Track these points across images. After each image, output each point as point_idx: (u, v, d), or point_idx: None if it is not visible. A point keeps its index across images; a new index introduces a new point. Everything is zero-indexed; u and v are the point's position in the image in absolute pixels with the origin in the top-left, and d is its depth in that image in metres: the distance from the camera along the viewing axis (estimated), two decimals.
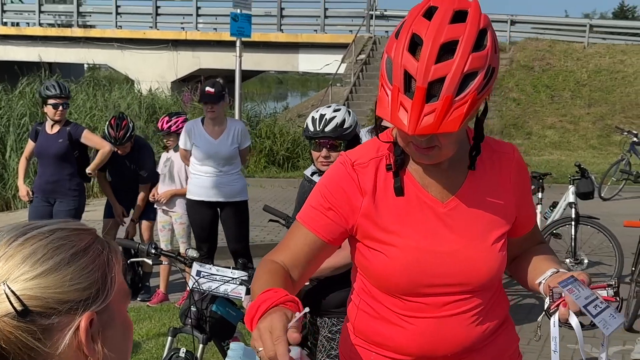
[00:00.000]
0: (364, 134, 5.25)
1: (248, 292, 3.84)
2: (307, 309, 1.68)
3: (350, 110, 4.06)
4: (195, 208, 6.96)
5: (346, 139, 3.93)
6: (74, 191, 7.10)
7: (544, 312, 2.01)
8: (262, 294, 1.77)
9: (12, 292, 1.11)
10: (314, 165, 4.08)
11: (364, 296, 2.23)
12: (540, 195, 8.55)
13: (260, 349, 1.61)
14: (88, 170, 7.00)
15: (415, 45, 1.89)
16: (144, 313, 7.00)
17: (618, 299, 2.03)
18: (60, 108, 6.94)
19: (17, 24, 32.33)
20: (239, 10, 16.06)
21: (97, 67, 33.19)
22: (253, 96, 30.56)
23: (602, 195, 13.84)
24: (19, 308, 1.11)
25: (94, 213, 8.32)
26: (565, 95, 22.88)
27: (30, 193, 7.20)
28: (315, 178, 5.42)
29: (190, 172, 7.00)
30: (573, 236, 7.97)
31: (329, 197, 2.13)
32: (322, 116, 3.94)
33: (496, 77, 1.99)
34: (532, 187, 8.59)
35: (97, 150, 7.39)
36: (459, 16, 1.91)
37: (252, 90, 42.67)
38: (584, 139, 21.09)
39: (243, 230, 7.11)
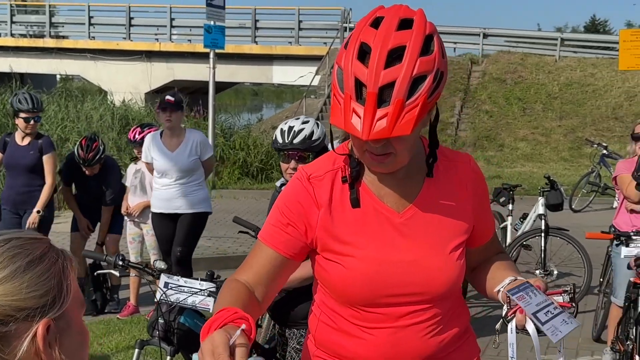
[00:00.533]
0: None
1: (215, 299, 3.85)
2: (243, 326, 1.68)
3: (318, 122, 4.06)
4: (158, 221, 6.90)
5: (314, 150, 3.94)
6: (48, 206, 7.07)
7: (501, 319, 2.03)
8: (215, 315, 1.77)
9: None
10: (283, 176, 4.09)
11: (324, 308, 2.24)
12: (510, 206, 8.59)
13: None
14: (37, 208, 6.87)
15: (364, 54, 1.91)
16: (113, 325, 6.94)
17: (574, 304, 2.05)
18: (32, 122, 6.87)
19: None
20: (212, 22, 16.10)
21: (70, 78, 32.92)
22: (227, 108, 30.57)
23: (573, 207, 13.96)
24: None
25: (65, 225, 8.26)
26: (537, 107, 23.10)
27: None
28: None
29: (153, 185, 6.94)
30: (543, 247, 8.00)
31: (287, 213, 2.14)
32: (290, 128, 3.94)
33: (445, 81, 2.00)
34: (503, 198, 8.64)
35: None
36: (405, 24, 1.94)
37: (226, 101, 42.71)
38: (555, 151, 21.30)
39: (189, 239, 6.88)
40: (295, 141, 3.90)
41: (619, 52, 18.06)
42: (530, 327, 1.91)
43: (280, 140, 3.95)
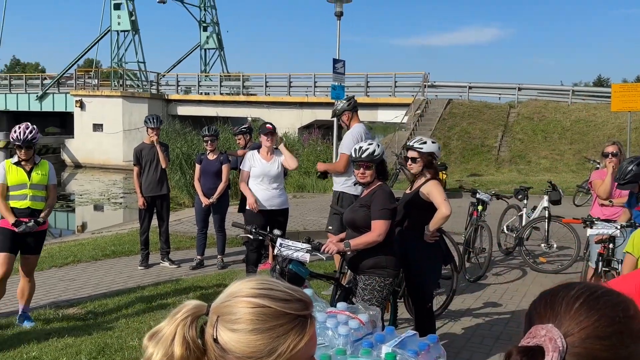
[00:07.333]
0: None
1: (311, 254, 3.80)
2: None
3: (379, 144, 4.02)
4: (253, 214, 6.20)
5: (376, 162, 3.90)
6: (224, 195, 7.45)
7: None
8: None
9: (217, 329, 1.10)
10: (355, 177, 4.05)
11: None
12: (525, 201, 8.18)
13: None
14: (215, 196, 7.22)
15: None
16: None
17: None
18: (209, 142, 7.26)
19: (207, 94, 33.56)
20: (337, 83, 16.17)
21: (257, 120, 33.93)
22: None
23: (576, 203, 13.11)
24: (214, 337, 1.09)
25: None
26: (554, 137, 21.75)
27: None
28: (354, 188, 5.33)
29: (251, 188, 6.21)
30: (546, 229, 7.59)
31: None
32: (360, 148, 3.92)
33: None
34: (520, 195, 8.19)
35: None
36: None
37: None
38: (566, 166, 19.99)
39: (285, 225, 6.37)
40: (362, 156, 3.87)
41: (611, 99, 16.90)
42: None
43: (354, 155, 3.94)
